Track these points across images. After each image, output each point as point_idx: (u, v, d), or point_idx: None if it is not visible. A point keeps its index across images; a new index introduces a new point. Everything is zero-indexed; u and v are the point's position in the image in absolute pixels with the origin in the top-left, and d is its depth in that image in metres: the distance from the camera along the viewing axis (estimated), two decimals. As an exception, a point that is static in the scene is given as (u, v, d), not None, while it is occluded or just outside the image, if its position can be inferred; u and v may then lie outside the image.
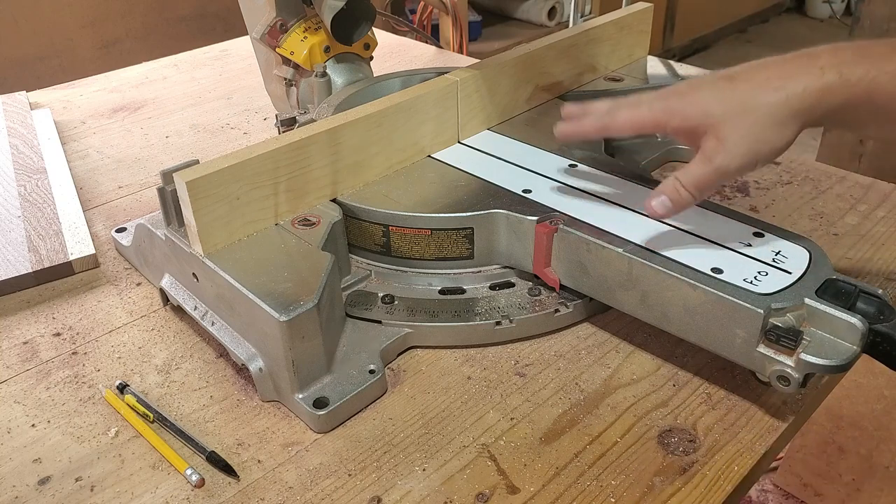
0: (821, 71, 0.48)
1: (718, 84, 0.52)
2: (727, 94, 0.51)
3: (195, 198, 0.55)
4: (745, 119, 0.50)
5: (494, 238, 0.62)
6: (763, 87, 0.50)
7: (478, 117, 0.74)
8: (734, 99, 0.50)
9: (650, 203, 0.52)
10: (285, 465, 0.50)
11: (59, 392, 0.57)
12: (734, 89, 0.51)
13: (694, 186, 0.52)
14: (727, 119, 0.50)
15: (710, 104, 0.51)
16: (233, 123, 1.01)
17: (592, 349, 0.59)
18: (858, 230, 0.72)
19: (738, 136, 0.50)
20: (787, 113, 0.49)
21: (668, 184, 0.53)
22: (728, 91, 0.51)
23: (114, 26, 1.89)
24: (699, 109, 0.52)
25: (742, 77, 0.51)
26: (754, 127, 0.49)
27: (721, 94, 0.51)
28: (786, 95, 0.49)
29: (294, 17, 0.84)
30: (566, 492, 0.48)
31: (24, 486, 0.50)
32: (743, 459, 0.50)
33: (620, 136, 0.57)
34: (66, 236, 0.73)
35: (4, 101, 1.04)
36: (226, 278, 0.54)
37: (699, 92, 0.53)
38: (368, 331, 0.59)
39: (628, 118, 0.56)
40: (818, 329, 0.49)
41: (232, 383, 0.58)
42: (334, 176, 0.63)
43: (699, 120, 0.52)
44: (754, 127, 0.49)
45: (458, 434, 0.52)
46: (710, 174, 0.51)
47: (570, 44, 0.81)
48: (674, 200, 0.52)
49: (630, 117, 0.56)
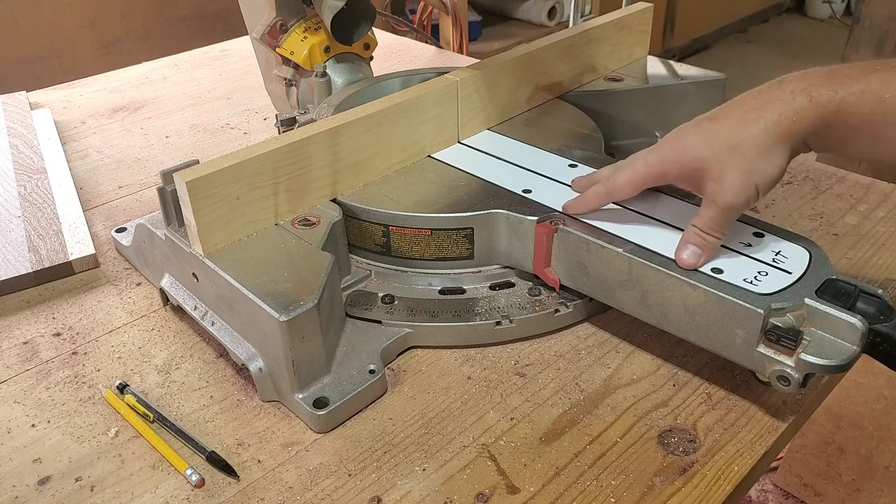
0: (791, 96, 0.50)
1: (702, 126, 0.54)
2: (712, 135, 0.52)
3: (195, 198, 0.55)
4: (734, 156, 0.51)
5: (494, 238, 0.62)
6: (742, 122, 0.51)
7: (478, 117, 0.74)
8: (719, 138, 0.52)
9: (681, 256, 0.53)
10: (285, 465, 0.50)
11: (59, 392, 0.57)
12: (717, 129, 0.52)
13: (713, 229, 0.53)
14: (717, 160, 0.52)
15: (699, 148, 0.53)
16: (233, 123, 1.01)
17: (592, 349, 0.59)
18: (858, 230, 0.72)
19: (731, 174, 0.51)
20: (770, 141, 0.50)
21: (690, 233, 0.54)
22: (712, 132, 0.53)
23: (114, 26, 1.89)
24: (690, 155, 0.53)
25: (722, 115, 0.53)
26: (743, 161, 0.51)
27: (706, 135, 0.53)
28: (764, 125, 0.50)
29: (294, 17, 0.84)
30: (566, 492, 0.48)
31: (24, 486, 0.50)
32: (743, 459, 0.50)
33: (626, 198, 0.59)
34: (66, 236, 0.73)
35: (4, 101, 1.04)
36: (226, 278, 0.54)
37: (686, 138, 0.54)
38: (368, 331, 0.59)
39: (628, 179, 0.57)
40: (818, 329, 0.49)
41: (232, 383, 0.58)
42: (334, 176, 0.63)
43: (693, 165, 0.53)
44: (743, 161, 0.51)
45: (458, 434, 0.52)
46: (720, 214, 0.53)
47: (570, 44, 0.81)
48: (702, 247, 0.53)
49: (630, 178, 0.57)
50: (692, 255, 0.53)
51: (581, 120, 0.77)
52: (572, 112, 0.79)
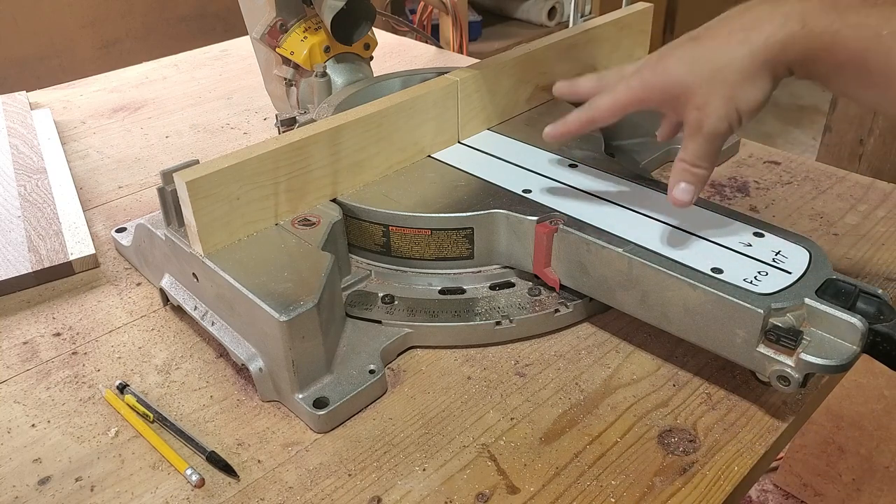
0: (783, 19, 0.47)
1: (686, 48, 0.51)
2: (695, 58, 0.50)
3: (195, 198, 0.55)
4: (715, 80, 0.49)
5: (494, 238, 0.62)
6: (727, 43, 0.49)
7: (478, 117, 0.74)
8: (702, 61, 0.50)
9: (672, 195, 0.52)
10: (285, 465, 0.50)
11: (59, 392, 0.57)
12: (701, 51, 0.50)
13: (701, 159, 0.51)
14: (700, 85, 0.50)
15: (681, 73, 0.51)
16: (233, 123, 1.01)
17: (592, 349, 0.59)
18: (858, 230, 0.72)
19: (715, 100, 0.49)
20: (755, 66, 0.48)
21: (678, 169, 0.52)
22: (695, 54, 0.50)
23: (114, 26, 1.89)
24: (672, 79, 0.51)
25: (707, 35, 0.50)
26: (726, 86, 0.49)
27: (689, 58, 0.50)
28: (749, 49, 0.48)
29: (294, 17, 0.84)
30: (566, 492, 0.48)
31: (24, 486, 0.50)
32: (743, 459, 0.50)
33: (608, 123, 0.56)
34: (66, 236, 0.73)
35: (4, 101, 1.04)
36: (226, 278, 0.54)
37: (669, 60, 0.52)
38: (368, 331, 0.59)
39: (610, 104, 0.55)
40: (818, 329, 0.49)
41: (232, 383, 0.58)
42: (334, 176, 0.63)
43: (675, 91, 0.51)
44: (726, 86, 0.49)
45: (458, 434, 0.52)
46: (705, 143, 0.51)
47: (570, 44, 0.81)
48: (692, 181, 0.52)
49: (612, 103, 0.55)
50: (685, 192, 0.52)
51: (581, 120, 0.77)
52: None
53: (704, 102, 0.50)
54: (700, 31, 0.51)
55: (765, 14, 0.48)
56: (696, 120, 0.51)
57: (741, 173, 0.83)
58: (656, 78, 0.53)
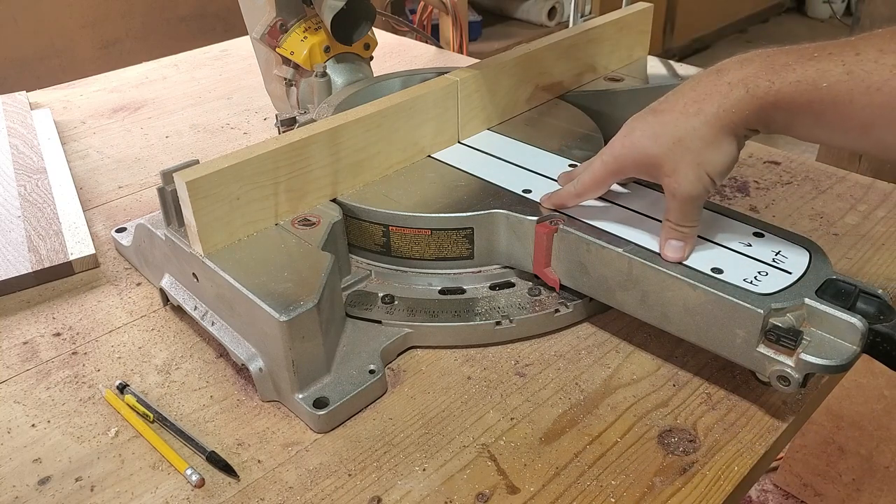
0: (728, 87, 0.50)
1: (648, 121, 0.54)
2: (658, 130, 0.53)
3: (195, 198, 0.55)
4: (679, 149, 0.51)
5: (494, 238, 0.62)
6: (684, 115, 0.51)
7: (478, 117, 0.74)
8: (665, 133, 0.52)
9: (665, 254, 0.54)
10: (285, 465, 0.50)
11: (59, 392, 0.57)
12: (662, 122, 0.53)
13: (684, 220, 0.53)
14: (666, 155, 0.52)
15: (647, 145, 0.53)
16: (233, 123, 1.01)
17: (592, 349, 0.59)
18: (858, 230, 0.72)
19: (682, 167, 0.52)
20: (713, 133, 0.50)
21: (666, 229, 0.54)
22: (658, 126, 0.53)
23: (114, 26, 1.89)
24: (640, 151, 0.54)
25: (664, 108, 0.53)
26: (689, 154, 0.51)
27: (652, 130, 0.53)
28: (704, 118, 0.50)
29: (294, 17, 0.84)
30: (566, 492, 0.48)
31: (24, 486, 0.50)
32: (743, 459, 0.50)
33: (595, 195, 0.60)
34: (66, 236, 0.73)
35: (4, 101, 1.04)
36: (226, 278, 0.54)
37: (634, 134, 0.54)
38: (368, 331, 0.59)
39: (590, 180, 0.58)
40: (818, 329, 0.49)
41: (232, 383, 0.58)
42: (334, 176, 0.63)
43: (646, 161, 0.54)
44: (689, 154, 0.51)
45: (458, 434, 0.52)
46: (683, 206, 0.53)
47: (570, 44, 0.81)
48: (682, 238, 0.54)
49: (591, 178, 0.58)
50: (675, 250, 0.54)
51: (581, 120, 0.77)
52: (572, 112, 0.79)
53: (673, 170, 0.52)
54: (659, 104, 0.54)
55: (712, 85, 0.51)
56: (670, 185, 0.53)
57: (741, 173, 0.83)
58: (625, 151, 0.55)
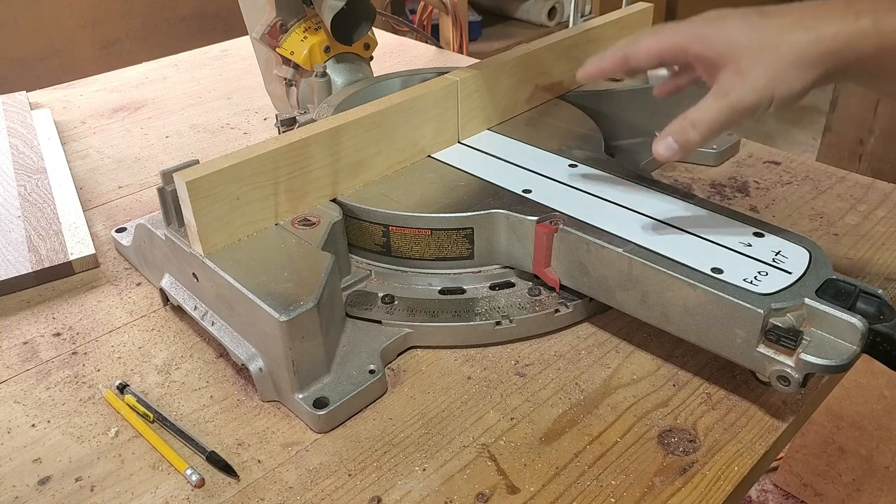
0: (856, 15, 0.46)
1: (749, 16, 0.50)
2: (756, 27, 0.49)
3: (195, 198, 0.55)
4: (769, 54, 0.48)
5: (494, 238, 0.62)
6: (794, 25, 0.48)
7: (478, 117, 0.74)
8: (761, 32, 0.49)
9: (656, 148, 0.51)
10: (285, 465, 0.50)
11: (59, 392, 0.57)
12: (764, 23, 0.49)
13: (704, 125, 0.50)
14: (751, 52, 0.48)
15: (737, 35, 0.50)
16: (233, 123, 1.01)
17: (592, 349, 0.59)
18: (858, 230, 0.72)
19: (758, 71, 0.48)
20: (814, 54, 0.47)
21: (676, 124, 0.51)
22: (757, 24, 0.49)
23: (114, 26, 1.89)
24: (724, 37, 0.50)
25: (775, 13, 0.49)
26: (776, 63, 0.48)
27: (750, 26, 0.49)
28: (816, 36, 0.47)
29: (294, 17, 0.84)
30: (566, 492, 0.48)
31: (24, 486, 0.50)
32: (743, 459, 0.50)
33: (642, 67, 0.55)
34: (66, 236, 0.73)
35: (4, 101, 1.04)
36: (226, 278, 0.54)
37: (728, 21, 0.51)
38: (368, 331, 0.59)
39: (651, 45, 0.54)
40: (818, 329, 0.49)
41: (232, 383, 0.58)
42: (334, 176, 0.63)
43: (722, 48, 0.50)
44: (776, 63, 0.48)
45: (458, 434, 0.52)
46: (724, 110, 0.49)
47: (570, 44, 0.81)
48: (680, 142, 0.51)
49: (653, 44, 0.54)
50: (667, 149, 0.51)
51: (581, 120, 0.77)
52: (572, 112, 0.79)
53: (747, 69, 0.48)
54: (769, 9, 0.50)
55: (839, 9, 0.47)
56: (728, 84, 0.49)
57: (741, 173, 0.83)
58: (709, 30, 0.51)
